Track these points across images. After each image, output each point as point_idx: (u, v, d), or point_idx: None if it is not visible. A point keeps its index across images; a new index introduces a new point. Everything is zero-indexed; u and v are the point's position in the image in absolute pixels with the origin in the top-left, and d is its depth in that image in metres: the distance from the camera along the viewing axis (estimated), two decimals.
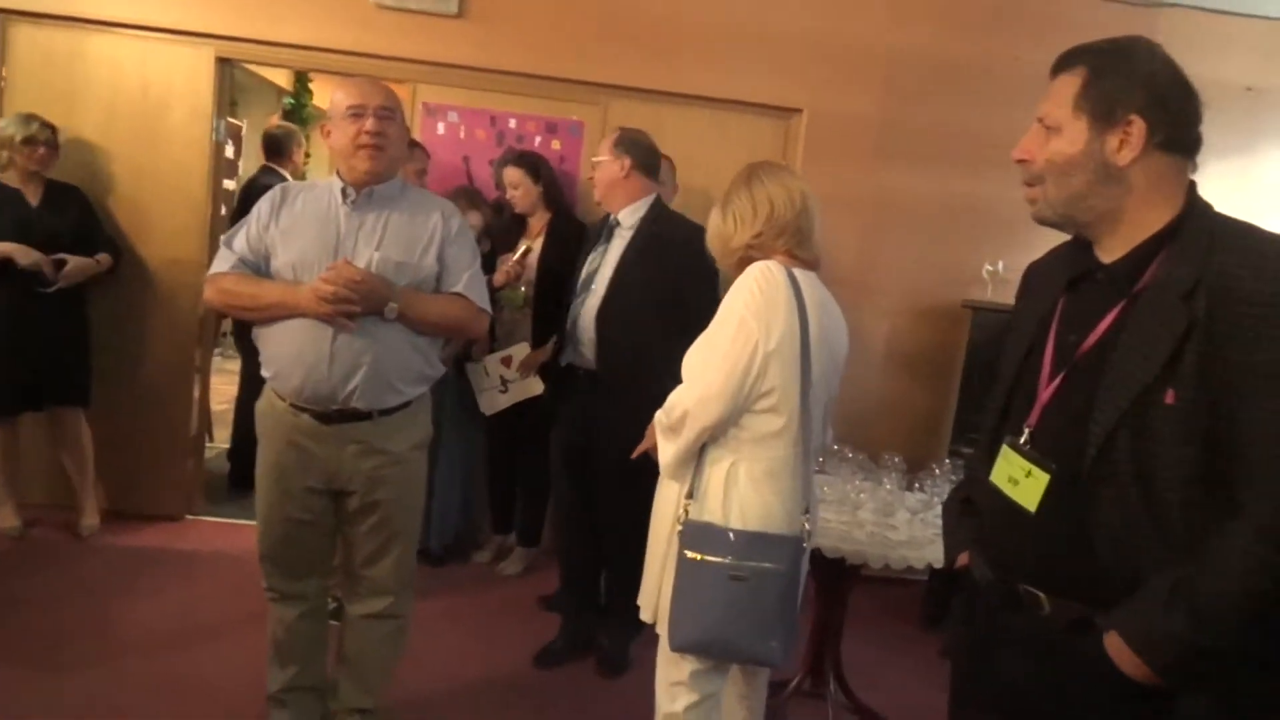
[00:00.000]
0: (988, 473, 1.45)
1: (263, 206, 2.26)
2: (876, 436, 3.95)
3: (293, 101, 8.01)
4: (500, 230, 3.76)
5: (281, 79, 7.65)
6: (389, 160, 2.21)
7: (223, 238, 2.30)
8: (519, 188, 3.64)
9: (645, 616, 2.00)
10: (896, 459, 2.95)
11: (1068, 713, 1.33)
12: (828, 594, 2.89)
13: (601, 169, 3.00)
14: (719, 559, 1.84)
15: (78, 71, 3.86)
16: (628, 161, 2.94)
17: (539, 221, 3.72)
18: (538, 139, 4.07)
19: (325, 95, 8.23)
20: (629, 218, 2.95)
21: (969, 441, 3.72)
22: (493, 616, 3.48)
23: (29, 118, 3.58)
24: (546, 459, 3.76)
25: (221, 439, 4.85)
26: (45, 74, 3.85)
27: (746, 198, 2.02)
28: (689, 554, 1.85)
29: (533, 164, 3.67)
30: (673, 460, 1.94)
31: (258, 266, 2.24)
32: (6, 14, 3.80)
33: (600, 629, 3.15)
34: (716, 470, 1.91)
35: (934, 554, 2.63)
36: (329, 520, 2.34)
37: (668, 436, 1.95)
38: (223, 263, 2.24)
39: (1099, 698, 1.28)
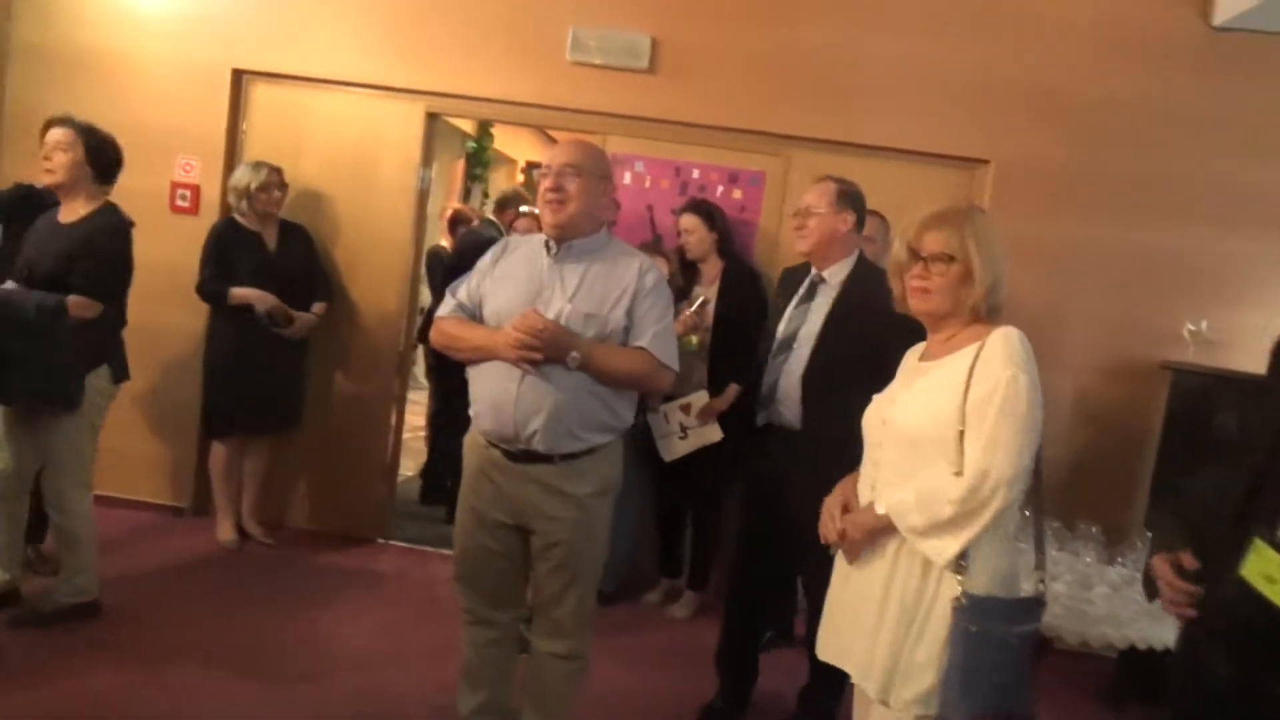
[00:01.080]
0: (1220, 551, 1.39)
1: (486, 258, 2.48)
2: (1062, 502, 3.78)
3: (475, 145, 8.48)
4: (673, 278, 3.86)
5: (466, 124, 8.11)
6: (571, 214, 2.32)
7: (450, 287, 2.53)
8: (694, 234, 3.76)
9: (874, 693, 1.91)
10: (1094, 529, 2.83)
11: None
12: None
13: (820, 222, 2.80)
14: (1001, 627, 1.80)
15: (304, 124, 4.26)
16: (851, 218, 2.82)
17: (712, 269, 3.81)
18: (719, 188, 4.16)
19: (505, 140, 8.69)
20: (835, 275, 2.85)
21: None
22: (662, 659, 3.53)
23: (258, 165, 3.98)
24: (717, 502, 3.81)
25: (407, 468, 5.14)
26: (277, 126, 4.27)
27: (998, 246, 1.90)
28: (974, 628, 1.79)
29: (708, 212, 3.79)
30: (963, 548, 1.81)
31: (473, 312, 2.43)
32: (249, 74, 4.26)
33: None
34: (982, 539, 1.83)
35: (1136, 632, 2.52)
36: (519, 554, 2.46)
37: (956, 527, 1.80)
38: (445, 308, 2.47)
39: None
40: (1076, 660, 3.54)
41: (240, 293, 3.85)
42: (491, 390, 2.34)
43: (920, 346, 2.09)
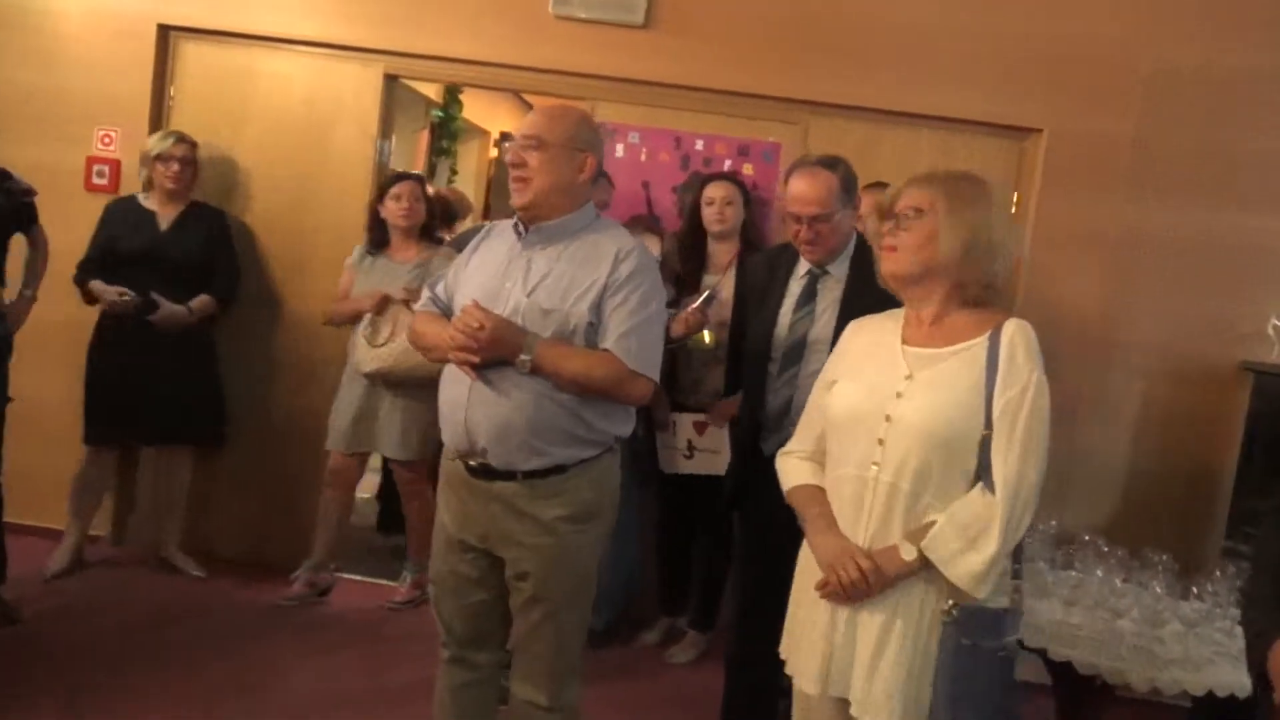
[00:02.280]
0: None
1: (469, 246, 2.54)
2: (1127, 525, 3.81)
3: (441, 114, 8.47)
4: (676, 256, 3.86)
5: (431, 90, 8.11)
6: (534, 191, 2.32)
7: (430, 280, 2.59)
8: (734, 203, 3.76)
9: None
10: (1165, 557, 2.84)
11: None
12: (1074, 716, 2.80)
13: (834, 229, 2.78)
14: (993, 640, 1.91)
15: (242, 89, 4.27)
16: (856, 202, 2.85)
17: (726, 254, 3.80)
18: (727, 162, 4.18)
19: (477, 108, 8.67)
20: (839, 267, 2.87)
21: (1249, 538, 3.53)
22: (661, 710, 3.54)
23: (169, 134, 4.01)
24: (728, 534, 3.80)
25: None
26: (210, 92, 4.28)
27: (990, 217, 1.97)
28: (966, 641, 1.90)
29: (746, 187, 3.84)
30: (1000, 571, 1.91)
31: (446, 307, 2.48)
32: (177, 31, 4.26)
33: None
34: None
35: (1215, 678, 2.52)
36: (497, 585, 2.46)
37: (1000, 553, 1.88)
38: (421, 301, 2.53)
39: None
40: (1145, 709, 3.56)
41: (97, 286, 3.86)
42: (445, 395, 2.39)
43: (883, 321, 2.12)
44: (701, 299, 3.63)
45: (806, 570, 2.10)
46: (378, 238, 4.00)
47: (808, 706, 2.13)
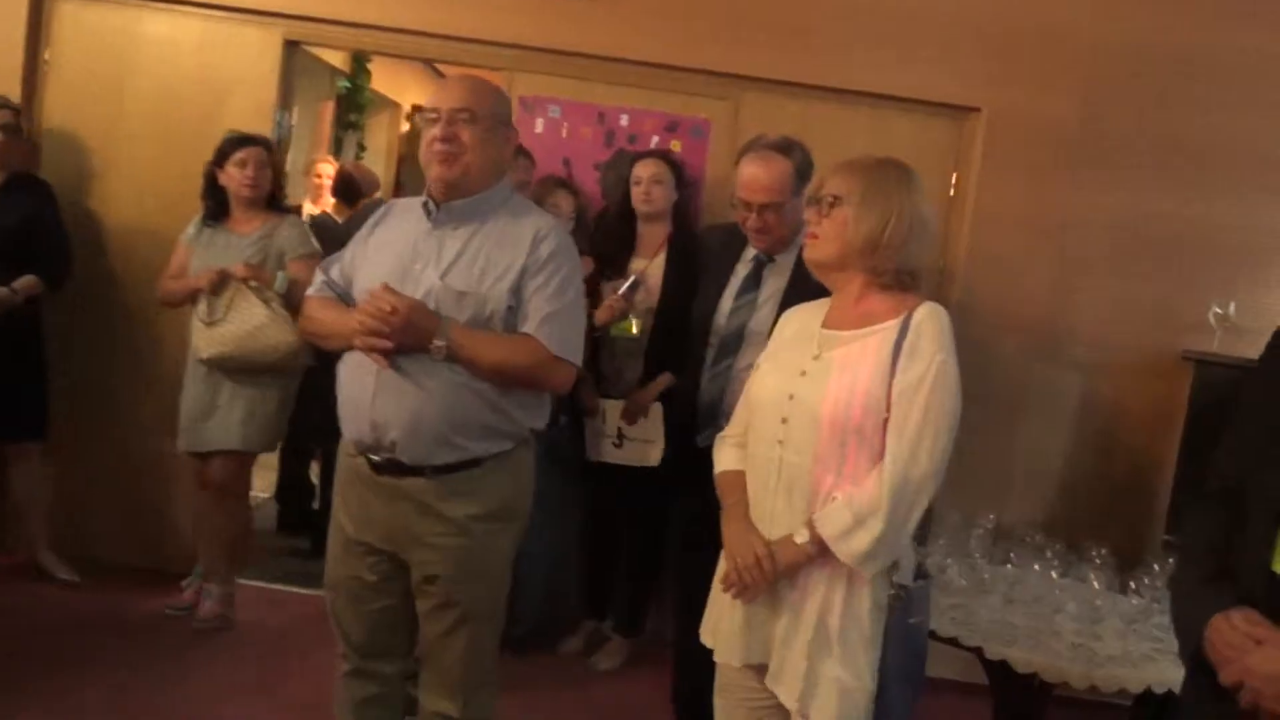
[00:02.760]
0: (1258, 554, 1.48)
1: (367, 225, 2.49)
2: (1065, 519, 3.91)
3: (348, 84, 8.35)
4: (602, 238, 3.87)
5: (336, 59, 7.99)
6: (465, 168, 2.31)
7: (324, 262, 2.54)
8: (662, 183, 3.75)
9: (794, 705, 2.05)
10: (1103, 552, 2.92)
11: None
12: (1012, 716, 2.86)
13: (783, 218, 2.81)
14: (925, 615, 2.12)
15: (126, 55, 4.16)
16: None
17: (657, 236, 3.80)
18: (654, 139, 4.17)
19: (386, 78, 8.57)
20: (787, 256, 2.88)
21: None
22: None
23: None
24: (658, 531, 3.80)
25: (259, 488, 5.03)
26: (91, 57, 4.16)
27: (907, 202, 2.07)
28: (913, 620, 2.05)
29: (678, 166, 3.84)
30: (894, 556, 2.02)
31: (344, 291, 2.44)
32: None
33: None
34: None
35: (1154, 674, 2.60)
36: (401, 590, 2.44)
37: (891, 537, 1.98)
38: (314, 286, 2.49)
39: None
40: (1083, 709, 3.65)
41: None
42: (347, 386, 2.36)
43: (813, 308, 2.22)
44: (626, 285, 3.63)
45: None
46: (214, 208, 3.84)
47: (726, 678, 2.23)
